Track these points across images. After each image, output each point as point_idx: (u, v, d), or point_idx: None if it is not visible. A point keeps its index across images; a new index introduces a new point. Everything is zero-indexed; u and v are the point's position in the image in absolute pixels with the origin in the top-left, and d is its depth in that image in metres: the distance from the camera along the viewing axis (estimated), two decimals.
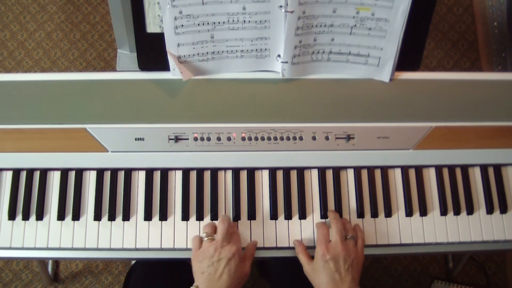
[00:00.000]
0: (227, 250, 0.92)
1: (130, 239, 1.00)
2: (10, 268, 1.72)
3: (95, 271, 1.73)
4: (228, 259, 0.92)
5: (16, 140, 1.02)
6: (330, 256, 0.93)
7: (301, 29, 1.00)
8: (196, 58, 1.05)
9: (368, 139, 1.05)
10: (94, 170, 1.03)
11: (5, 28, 1.98)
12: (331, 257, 0.93)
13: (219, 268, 0.91)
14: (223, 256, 0.92)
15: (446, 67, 1.98)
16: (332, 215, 0.99)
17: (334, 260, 0.93)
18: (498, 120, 1.08)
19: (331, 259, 0.93)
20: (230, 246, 0.93)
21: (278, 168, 1.04)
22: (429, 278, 1.73)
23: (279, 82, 1.08)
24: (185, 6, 0.97)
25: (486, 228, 1.04)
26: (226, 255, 0.92)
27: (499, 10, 1.85)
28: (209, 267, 0.92)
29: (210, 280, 0.91)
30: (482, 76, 1.12)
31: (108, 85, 1.06)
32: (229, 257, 0.92)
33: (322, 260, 0.93)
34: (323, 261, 0.93)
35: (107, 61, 1.96)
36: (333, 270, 0.92)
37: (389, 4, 0.98)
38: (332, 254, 0.93)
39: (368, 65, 1.06)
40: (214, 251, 0.93)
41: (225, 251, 0.92)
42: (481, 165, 1.07)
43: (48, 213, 1.01)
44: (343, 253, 0.93)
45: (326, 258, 0.93)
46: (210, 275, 0.91)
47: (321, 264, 0.93)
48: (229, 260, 0.92)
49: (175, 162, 1.03)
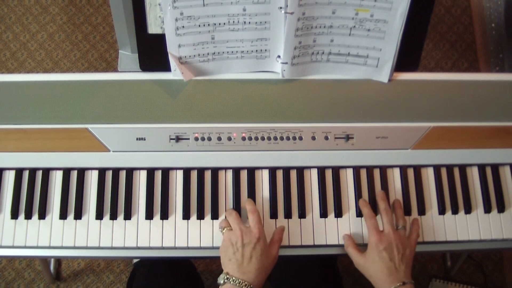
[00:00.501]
0: (250, 235, 0.92)
1: (132, 238, 1.00)
2: (13, 267, 1.72)
3: (96, 270, 1.73)
4: (253, 243, 0.92)
5: (19, 140, 1.03)
6: (384, 246, 0.94)
7: (301, 30, 1.00)
8: (197, 59, 1.05)
9: (367, 139, 1.05)
10: (96, 169, 1.03)
11: (8, 30, 1.98)
12: (385, 247, 0.94)
13: (245, 253, 0.91)
14: (247, 241, 0.92)
15: (444, 68, 1.98)
16: (383, 206, 1.00)
17: (388, 249, 0.94)
18: (496, 120, 1.08)
19: (385, 249, 0.94)
20: (251, 231, 0.93)
21: (278, 167, 1.04)
22: (428, 276, 1.73)
23: (279, 82, 1.08)
24: (186, 7, 0.97)
25: (484, 227, 1.04)
26: (250, 240, 0.92)
27: (496, 11, 1.85)
28: (235, 253, 0.92)
29: (239, 265, 0.91)
30: (480, 77, 1.12)
31: (109, 86, 1.06)
32: (254, 242, 0.92)
33: (377, 249, 0.94)
34: (378, 250, 0.94)
35: (108, 62, 1.96)
36: (388, 259, 0.93)
37: (388, 6, 0.98)
38: (386, 244, 0.94)
39: (367, 65, 1.06)
40: (236, 238, 0.92)
41: (247, 236, 0.92)
42: (479, 164, 1.07)
43: (51, 212, 1.01)
44: (396, 242, 0.94)
45: (380, 248, 0.94)
46: (238, 261, 0.91)
47: (376, 254, 0.94)
48: (255, 245, 0.92)
49: (176, 162, 1.03)
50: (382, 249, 0.94)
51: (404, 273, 0.93)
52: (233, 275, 0.91)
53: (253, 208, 0.97)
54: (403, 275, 0.92)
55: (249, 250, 0.91)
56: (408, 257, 0.95)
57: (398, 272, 0.92)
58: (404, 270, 0.93)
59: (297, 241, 1.01)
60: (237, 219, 0.96)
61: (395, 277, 0.92)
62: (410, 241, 0.97)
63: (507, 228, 1.04)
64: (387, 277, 0.92)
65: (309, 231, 1.01)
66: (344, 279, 1.67)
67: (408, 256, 0.95)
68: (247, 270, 0.91)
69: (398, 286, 0.91)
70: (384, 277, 0.92)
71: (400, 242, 0.95)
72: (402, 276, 0.92)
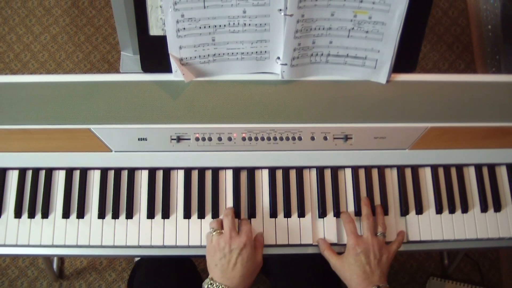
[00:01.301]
0: (238, 241, 0.93)
1: (133, 237, 1.00)
2: (16, 265, 1.72)
3: (99, 268, 1.73)
4: (240, 249, 0.92)
5: (22, 140, 1.03)
6: (361, 250, 0.94)
7: (300, 32, 1.00)
8: (198, 60, 1.05)
9: (366, 139, 1.05)
10: (98, 169, 1.03)
11: (11, 31, 1.98)
12: (362, 251, 0.94)
13: (231, 259, 0.92)
14: (234, 247, 0.92)
15: (441, 69, 1.98)
16: (365, 211, 1.00)
17: (365, 253, 0.94)
18: (492, 121, 1.08)
19: (362, 252, 0.94)
20: (240, 237, 0.94)
21: (277, 167, 1.04)
22: (425, 274, 1.73)
23: (279, 83, 1.08)
24: (186, 9, 0.97)
25: (481, 226, 1.04)
26: (237, 246, 0.92)
27: (493, 13, 1.85)
28: (221, 259, 0.92)
29: (223, 270, 0.91)
30: (476, 78, 1.12)
31: (111, 87, 1.06)
32: (240, 247, 0.92)
33: (354, 252, 0.95)
34: (355, 254, 0.94)
35: (110, 63, 1.96)
36: (364, 262, 0.93)
37: (386, 8, 0.98)
38: (363, 248, 0.94)
39: (365, 67, 1.06)
40: (224, 243, 0.93)
41: (235, 242, 0.93)
42: (476, 164, 1.07)
43: (53, 211, 1.01)
44: (374, 247, 0.95)
45: (358, 251, 0.94)
46: (223, 266, 0.92)
47: (352, 257, 0.94)
48: (241, 250, 0.92)
49: (177, 162, 1.03)
50: (359, 252, 0.94)
51: (379, 278, 0.93)
52: (217, 280, 0.91)
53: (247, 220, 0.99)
54: (378, 279, 0.93)
55: (235, 256, 0.92)
56: (385, 263, 0.95)
57: (373, 276, 0.93)
58: (380, 275, 0.93)
59: (297, 240, 1.01)
60: (231, 224, 0.95)
61: (370, 280, 0.92)
62: (389, 249, 0.97)
63: (504, 227, 1.04)
64: (362, 281, 0.92)
65: (309, 230, 1.01)
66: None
67: (385, 262, 0.95)
68: (232, 275, 0.91)
69: None
70: (359, 281, 0.93)
71: (378, 247, 0.95)
72: (377, 280, 0.92)
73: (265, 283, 1.69)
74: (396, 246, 0.99)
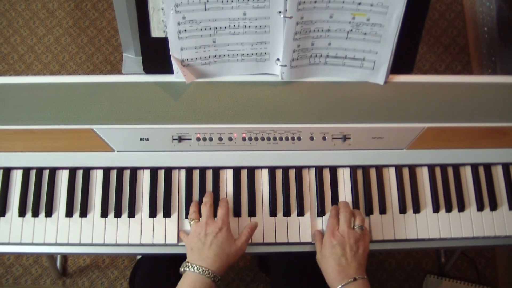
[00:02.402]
0: (213, 226, 0.94)
1: (136, 235, 1.00)
2: (21, 263, 1.72)
3: (101, 266, 1.73)
4: (215, 233, 0.93)
5: (26, 140, 1.03)
6: (336, 242, 0.94)
7: (299, 34, 1.00)
8: (199, 62, 1.05)
9: (364, 139, 1.05)
10: (100, 169, 1.03)
11: (16, 33, 1.98)
12: (338, 243, 0.93)
13: (206, 242, 0.92)
14: (209, 232, 0.93)
15: (438, 70, 1.98)
16: (342, 204, 1.00)
17: (341, 246, 0.93)
18: (488, 121, 1.08)
19: (338, 244, 0.93)
20: (215, 222, 0.94)
21: (277, 167, 1.04)
22: (422, 272, 1.73)
23: (278, 84, 1.08)
24: (188, 11, 0.97)
25: (477, 225, 1.04)
26: (212, 230, 0.93)
27: (489, 15, 1.85)
28: (197, 242, 0.93)
29: (199, 252, 0.92)
30: (473, 79, 1.12)
31: (114, 88, 1.06)
32: (215, 232, 0.93)
33: (329, 245, 0.94)
34: (330, 246, 0.94)
35: (113, 65, 1.96)
36: (340, 254, 0.92)
37: (384, 10, 0.98)
38: (338, 240, 0.94)
39: (363, 68, 1.06)
40: (200, 229, 0.94)
41: (210, 227, 0.93)
42: (472, 164, 1.07)
43: (57, 210, 1.01)
44: (350, 240, 0.94)
45: (333, 243, 0.94)
46: (199, 249, 0.92)
47: (328, 250, 0.94)
48: (216, 234, 0.92)
49: (179, 161, 1.03)
50: (334, 244, 0.93)
51: (355, 270, 0.91)
52: (192, 262, 0.91)
53: (225, 203, 0.99)
54: (354, 272, 0.91)
55: (210, 238, 0.92)
56: (361, 255, 0.94)
57: (349, 269, 0.91)
58: (356, 267, 0.91)
59: (296, 238, 1.01)
60: (208, 212, 0.96)
61: (346, 273, 0.91)
62: (365, 240, 0.96)
63: (499, 225, 1.04)
64: (337, 274, 0.91)
65: (307, 229, 1.01)
66: None
67: (361, 254, 0.94)
68: (206, 256, 0.91)
69: (348, 282, 0.90)
70: (334, 274, 0.91)
71: (354, 240, 0.94)
72: (353, 273, 0.91)
73: (265, 280, 1.69)
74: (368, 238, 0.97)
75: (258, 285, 1.69)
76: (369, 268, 1.73)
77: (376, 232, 1.02)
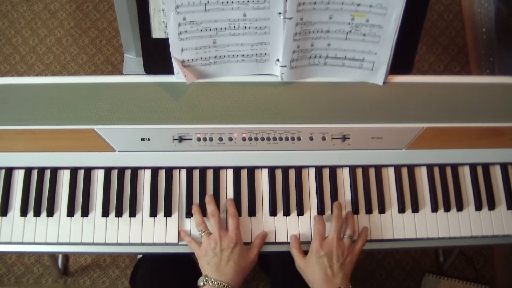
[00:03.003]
0: (228, 240, 0.93)
1: (136, 235, 1.00)
2: (22, 262, 1.72)
3: (103, 265, 1.73)
4: (231, 248, 0.93)
5: (28, 140, 1.03)
6: (324, 252, 0.93)
7: (299, 35, 1.00)
8: (199, 62, 1.05)
9: (363, 139, 1.05)
10: (102, 169, 1.03)
11: (17, 34, 1.98)
12: (325, 253, 0.93)
13: (223, 257, 0.92)
14: (225, 247, 0.93)
15: (437, 71, 1.98)
16: (336, 213, 0.98)
17: (328, 256, 0.93)
18: (487, 121, 1.08)
19: (325, 255, 0.93)
20: (229, 236, 0.94)
21: (277, 167, 1.04)
22: (421, 271, 1.73)
23: (278, 85, 1.08)
24: (188, 13, 0.97)
25: (475, 224, 1.04)
26: (227, 245, 0.93)
27: (487, 16, 1.85)
28: (213, 257, 0.93)
29: (217, 268, 0.92)
30: (471, 80, 1.12)
31: (115, 88, 1.06)
32: (231, 247, 0.93)
33: (317, 255, 0.93)
34: (317, 256, 0.93)
35: (114, 65, 1.96)
36: (326, 265, 0.92)
37: (383, 11, 0.98)
38: (326, 251, 0.93)
39: (362, 69, 1.06)
40: (215, 243, 0.93)
41: (225, 241, 0.93)
42: (470, 164, 1.07)
43: (58, 210, 1.01)
44: (337, 251, 0.93)
45: (321, 254, 0.93)
46: (217, 264, 0.92)
47: (314, 259, 0.93)
48: (232, 249, 0.93)
49: (179, 161, 1.03)
50: (322, 255, 0.93)
51: (341, 280, 0.91)
52: (212, 277, 0.91)
53: (234, 212, 0.98)
54: (340, 282, 0.91)
55: (227, 254, 0.92)
56: (348, 265, 0.93)
57: (335, 279, 0.91)
58: (342, 277, 0.91)
59: None
60: (218, 223, 0.96)
61: (332, 283, 0.91)
62: (353, 250, 0.95)
63: (497, 225, 1.04)
64: (323, 284, 0.91)
65: (307, 228, 1.01)
66: None
67: (348, 264, 0.93)
68: (225, 272, 0.91)
69: None
70: (321, 283, 0.91)
71: (341, 250, 0.93)
72: (338, 283, 0.91)
73: (265, 280, 1.69)
74: (360, 245, 0.97)
75: (258, 284, 1.69)
76: (368, 267, 1.73)
77: (375, 231, 1.02)
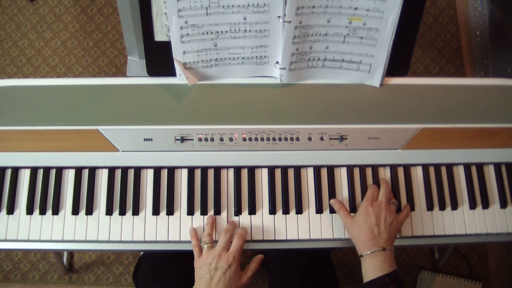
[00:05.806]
0: (224, 260, 0.92)
1: (139, 232, 1.00)
2: (28, 259, 1.72)
3: (107, 262, 1.73)
4: (224, 269, 0.91)
5: (34, 140, 1.02)
6: (373, 211, 0.95)
7: (298, 38, 1.00)
8: (201, 65, 1.04)
9: (360, 139, 1.05)
10: (106, 168, 1.03)
11: (24, 37, 1.98)
12: (374, 212, 0.95)
13: (215, 276, 0.91)
14: (220, 266, 0.92)
15: (432, 73, 1.98)
16: (384, 181, 1.01)
17: (376, 215, 0.94)
18: (481, 122, 1.08)
19: (373, 213, 0.94)
20: (228, 257, 0.93)
21: (276, 166, 1.04)
22: (417, 268, 1.73)
23: (278, 87, 1.08)
24: (190, 16, 0.97)
25: (469, 222, 1.03)
26: (222, 265, 0.92)
27: (481, 20, 1.85)
28: (206, 274, 0.92)
29: (206, 285, 0.91)
30: (465, 81, 1.12)
31: (119, 90, 1.06)
32: (225, 268, 0.92)
33: (365, 213, 0.95)
34: (366, 214, 0.95)
35: (118, 67, 1.96)
36: (374, 224, 0.93)
37: (380, 15, 0.98)
38: (375, 210, 0.95)
39: (360, 71, 1.06)
40: (212, 259, 0.92)
41: (222, 261, 0.92)
42: (465, 164, 1.07)
43: (63, 208, 1.01)
44: (385, 211, 0.95)
45: (369, 211, 0.95)
46: (207, 281, 0.91)
47: (363, 217, 0.95)
48: (225, 270, 0.92)
49: (181, 161, 1.03)
50: (370, 213, 0.94)
51: (385, 240, 0.92)
52: None
53: (243, 234, 0.97)
54: (384, 242, 0.92)
55: (219, 274, 0.91)
56: (393, 229, 0.95)
57: (380, 238, 0.92)
58: (386, 238, 0.93)
59: (295, 236, 1.01)
60: (225, 242, 0.95)
61: (376, 241, 0.92)
62: (398, 217, 0.97)
63: (491, 223, 1.04)
64: (368, 240, 0.92)
65: (306, 226, 1.01)
66: (338, 270, 1.67)
67: (393, 228, 0.95)
68: None
69: (377, 250, 0.91)
70: (366, 240, 0.92)
71: (388, 213, 0.95)
72: (382, 243, 0.92)
73: (264, 276, 1.69)
74: (404, 215, 0.99)
75: (258, 281, 1.69)
76: None
77: None
